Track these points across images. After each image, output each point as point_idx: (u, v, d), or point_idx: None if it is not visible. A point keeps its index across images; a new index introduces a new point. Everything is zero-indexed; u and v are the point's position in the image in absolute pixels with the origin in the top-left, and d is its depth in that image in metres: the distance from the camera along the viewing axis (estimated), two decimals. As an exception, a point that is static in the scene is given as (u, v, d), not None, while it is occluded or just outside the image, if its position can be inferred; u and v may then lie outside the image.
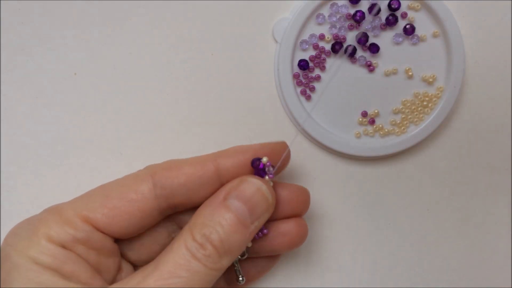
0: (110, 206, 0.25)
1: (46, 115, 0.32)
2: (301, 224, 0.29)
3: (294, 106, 0.31)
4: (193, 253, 0.24)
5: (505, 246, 0.34)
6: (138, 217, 0.26)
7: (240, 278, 0.28)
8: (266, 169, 0.27)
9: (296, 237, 0.28)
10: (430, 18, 0.31)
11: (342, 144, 0.32)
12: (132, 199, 0.26)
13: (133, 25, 0.32)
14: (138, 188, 0.26)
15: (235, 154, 0.27)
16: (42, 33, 0.32)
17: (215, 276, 0.24)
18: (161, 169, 0.27)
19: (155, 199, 0.26)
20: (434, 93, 0.32)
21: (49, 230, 0.24)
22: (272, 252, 0.29)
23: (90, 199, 0.26)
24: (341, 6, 0.31)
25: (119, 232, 0.26)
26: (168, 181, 0.26)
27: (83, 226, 0.25)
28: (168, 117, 0.32)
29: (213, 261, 0.24)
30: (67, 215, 0.25)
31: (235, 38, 0.32)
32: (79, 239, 0.25)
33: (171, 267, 0.23)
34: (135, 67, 0.32)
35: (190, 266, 0.23)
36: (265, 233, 0.28)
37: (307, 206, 0.29)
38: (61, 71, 0.32)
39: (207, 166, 0.26)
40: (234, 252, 0.25)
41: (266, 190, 0.26)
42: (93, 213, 0.25)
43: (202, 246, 0.24)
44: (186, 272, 0.23)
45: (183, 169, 0.26)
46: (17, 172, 0.32)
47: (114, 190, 0.26)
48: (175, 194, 0.26)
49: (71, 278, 0.24)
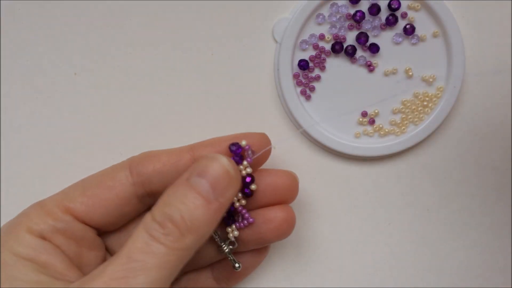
0: (88, 194, 0.26)
1: (46, 115, 0.32)
2: (287, 210, 0.28)
3: (294, 106, 0.31)
4: (151, 234, 0.23)
5: (505, 246, 0.34)
6: (117, 203, 0.26)
7: (236, 265, 0.28)
8: (245, 153, 0.27)
9: (284, 223, 0.28)
10: (430, 18, 0.31)
11: (342, 144, 0.32)
12: (109, 186, 0.26)
13: (133, 25, 0.32)
14: (115, 175, 0.27)
15: (212, 143, 0.28)
16: (42, 33, 0.32)
17: (179, 256, 0.23)
18: (138, 158, 0.27)
19: (133, 186, 0.27)
20: (434, 93, 0.32)
21: (30, 222, 0.25)
22: (261, 241, 0.28)
23: (71, 190, 0.27)
24: (341, 6, 0.31)
25: (99, 221, 0.26)
26: (144, 168, 0.27)
27: (63, 216, 0.26)
28: (168, 117, 0.32)
29: (174, 240, 0.23)
30: (48, 207, 0.26)
31: (235, 38, 0.32)
32: (58, 229, 0.25)
33: (129, 252, 0.22)
34: (135, 67, 0.32)
35: (148, 248, 0.22)
36: (251, 221, 0.28)
37: (295, 192, 0.29)
38: (61, 71, 0.32)
39: (183, 155, 0.27)
40: (199, 231, 0.23)
41: (227, 163, 0.25)
42: (73, 203, 0.26)
43: (161, 225, 0.23)
44: (142, 255, 0.22)
45: (159, 157, 0.27)
46: (17, 172, 0.32)
47: (93, 179, 0.27)
48: (151, 180, 0.27)
49: (46, 269, 0.24)
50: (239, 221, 0.28)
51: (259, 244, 0.29)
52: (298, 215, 0.32)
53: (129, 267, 0.22)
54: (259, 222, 0.28)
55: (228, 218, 0.28)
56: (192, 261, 0.29)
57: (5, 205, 0.32)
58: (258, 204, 0.28)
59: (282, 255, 0.33)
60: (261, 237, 0.28)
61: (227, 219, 0.28)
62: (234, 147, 0.27)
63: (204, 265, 0.30)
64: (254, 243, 0.28)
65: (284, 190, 0.28)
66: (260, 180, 0.28)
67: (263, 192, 0.28)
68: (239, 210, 0.28)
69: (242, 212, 0.28)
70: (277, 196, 0.28)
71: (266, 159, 0.29)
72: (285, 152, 0.32)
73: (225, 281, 0.30)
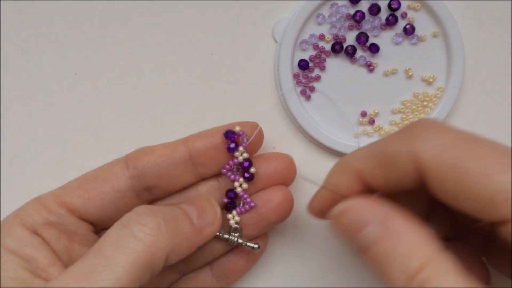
0: (85, 187, 0.27)
1: (46, 115, 0.32)
2: (285, 189, 0.29)
3: (294, 106, 0.31)
4: (126, 225, 0.22)
5: (505, 246, 0.34)
6: (113, 197, 0.27)
7: (256, 246, 0.28)
8: (240, 139, 0.28)
9: (283, 202, 0.28)
10: (430, 18, 0.31)
11: (342, 144, 0.32)
12: (106, 179, 0.27)
13: (133, 25, 0.32)
14: (111, 169, 0.27)
15: (205, 135, 0.28)
16: (42, 33, 0.32)
17: (150, 254, 0.22)
18: (134, 152, 0.28)
19: (129, 179, 0.27)
20: (434, 93, 0.32)
21: (25, 215, 0.26)
22: (262, 223, 0.29)
23: (69, 184, 0.27)
24: (341, 6, 0.31)
25: (96, 215, 0.27)
26: (140, 161, 0.27)
27: (58, 209, 0.26)
28: (168, 117, 0.32)
29: (150, 232, 0.22)
30: (44, 200, 0.26)
31: (235, 38, 0.32)
32: (52, 222, 0.26)
33: (99, 246, 0.22)
34: (135, 67, 0.32)
35: (119, 242, 0.22)
36: (253, 206, 0.28)
37: (292, 173, 0.29)
38: (61, 71, 0.32)
39: (178, 147, 0.28)
40: (176, 236, 0.23)
41: (215, 203, 0.27)
42: (69, 196, 0.26)
43: (140, 215, 0.23)
44: (111, 250, 0.21)
45: (154, 150, 0.28)
46: (17, 172, 0.32)
47: (90, 174, 0.28)
48: (147, 173, 0.27)
49: (28, 263, 0.24)
50: (240, 206, 0.29)
51: (261, 227, 0.29)
52: (298, 215, 0.32)
53: (95, 262, 0.21)
54: (259, 204, 0.29)
55: (230, 204, 0.29)
56: (191, 261, 0.29)
57: (5, 205, 0.32)
58: (257, 188, 0.29)
59: (281, 253, 0.33)
60: (262, 219, 0.29)
61: (229, 205, 0.29)
62: (230, 133, 0.28)
63: (204, 264, 0.30)
64: (256, 226, 0.29)
65: (282, 172, 0.29)
66: (257, 164, 0.29)
67: (262, 176, 0.29)
68: (241, 195, 0.29)
69: (243, 197, 0.29)
70: (275, 179, 0.29)
71: (260, 145, 0.29)
72: (285, 152, 0.32)
73: (224, 279, 0.30)
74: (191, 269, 0.30)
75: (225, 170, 0.28)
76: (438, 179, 0.19)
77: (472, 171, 0.19)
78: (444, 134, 0.20)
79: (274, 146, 0.32)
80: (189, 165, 0.28)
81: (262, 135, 0.29)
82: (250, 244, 0.29)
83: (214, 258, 0.30)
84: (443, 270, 0.18)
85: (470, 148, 0.19)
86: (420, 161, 0.20)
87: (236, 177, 0.29)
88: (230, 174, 0.28)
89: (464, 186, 0.19)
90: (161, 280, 0.29)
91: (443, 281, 0.18)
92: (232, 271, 0.30)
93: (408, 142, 0.21)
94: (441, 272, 0.18)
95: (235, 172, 0.29)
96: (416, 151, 0.20)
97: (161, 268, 0.23)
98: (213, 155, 0.28)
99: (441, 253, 0.19)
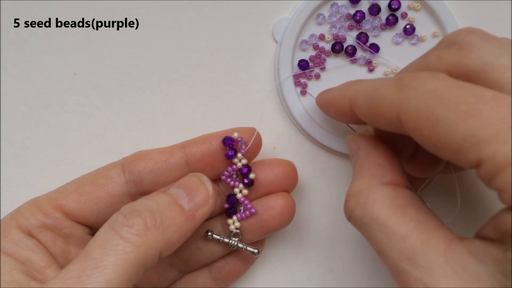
0: (81, 191, 0.27)
1: (46, 115, 0.32)
2: (287, 196, 0.29)
3: (294, 106, 0.31)
4: (113, 228, 0.22)
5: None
6: (108, 201, 0.27)
7: (255, 251, 0.29)
8: (238, 145, 0.28)
9: (285, 209, 0.28)
10: (430, 18, 0.31)
11: (342, 144, 0.32)
12: (101, 183, 0.27)
13: (133, 25, 0.32)
14: (107, 173, 0.27)
15: (203, 140, 0.28)
16: (42, 33, 0.32)
17: (139, 254, 0.22)
18: (131, 157, 0.28)
19: (125, 184, 0.27)
20: (434, 93, 0.32)
21: (20, 217, 0.26)
22: (263, 230, 0.29)
23: (65, 188, 0.27)
24: (341, 6, 0.31)
25: (91, 218, 0.27)
26: (136, 166, 0.27)
27: (53, 213, 0.26)
28: (168, 117, 0.32)
29: (137, 233, 0.22)
30: (40, 203, 0.26)
31: (235, 38, 0.32)
32: (47, 225, 0.26)
33: (88, 249, 0.22)
34: (135, 67, 0.32)
35: (107, 244, 0.21)
36: (254, 212, 0.28)
37: (294, 180, 0.29)
38: (61, 71, 0.32)
39: (174, 153, 0.27)
40: (166, 231, 0.23)
41: (206, 180, 0.26)
42: (65, 200, 0.26)
43: (126, 217, 0.22)
44: (100, 252, 0.21)
45: (151, 155, 0.27)
46: (17, 172, 0.32)
47: (86, 178, 0.28)
48: (143, 178, 0.27)
49: (24, 265, 0.24)
50: (241, 212, 0.29)
51: (261, 233, 0.29)
52: (299, 216, 0.32)
53: (85, 265, 0.21)
54: (261, 211, 0.28)
55: (231, 209, 0.29)
56: (190, 262, 0.29)
57: (5, 205, 0.32)
58: (259, 194, 0.29)
59: (281, 253, 0.33)
60: (263, 225, 0.29)
61: (229, 210, 0.29)
62: (228, 140, 0.27)
63: (203, 264, 0.30)
64: (256, 232, 0.29)
65: (284, 179, 0.29)
66: (259, 171, 0.28)
67: (263, 182, 0.29)
68: (242, 201, 0.28)
69: (244, 203, 0.28)
70: (277, 185, 0.29)
71: (259, 151, 0.29)
72: (285, 152, 0.32)
73: (223, 280, 0.30)
74: (191, 268, 0.30)
75: (224, 177, 0.28)
76: (415, 128, 0.20)
77: (443, 119, 0.19)
78: (428, 84, 0.20)
79: (274, 146, 0.32)
80: (186, 170, 0.27)
81: (260, 140, 0.29)
82: (250, 248, 0.29)
83: (213, 259, 0.30)
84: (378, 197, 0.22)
85: (446, 98, 0.19)
86: (400, 110, 0.20)
87: (236, 183, 0.28)
88: (230, 180, 0.28)
89: (438, 135, 0.19)
90: (161, 278, 0.29)
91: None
92: (231, 273, 0.30)
93: (394, 91, 0.21)
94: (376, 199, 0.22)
95: (234, 179, 0.28)
96: (399, 99, 0.21)
97: (155, 263, 0.23)
98: (209, 161, 0.28)
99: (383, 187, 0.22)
